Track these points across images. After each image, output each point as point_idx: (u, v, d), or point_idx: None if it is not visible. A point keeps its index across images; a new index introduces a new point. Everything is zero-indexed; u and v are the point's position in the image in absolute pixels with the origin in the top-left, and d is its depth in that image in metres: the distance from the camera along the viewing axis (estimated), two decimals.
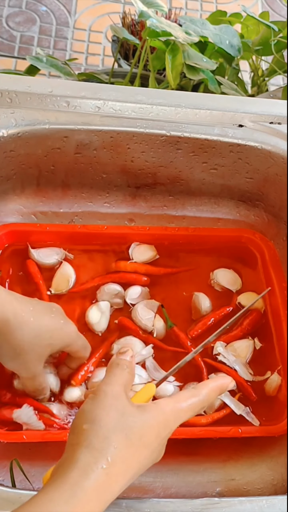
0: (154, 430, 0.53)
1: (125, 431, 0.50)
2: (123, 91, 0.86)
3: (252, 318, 0.84)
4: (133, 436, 0.51)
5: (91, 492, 0.47)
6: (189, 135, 0.85)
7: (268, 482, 0.75)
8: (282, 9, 1.89)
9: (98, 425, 0.50)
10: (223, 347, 0.80)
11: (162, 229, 0.90)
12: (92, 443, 0.49)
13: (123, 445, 0.50)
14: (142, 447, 0.51)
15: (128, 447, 0.50)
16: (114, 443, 0.49)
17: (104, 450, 0.49)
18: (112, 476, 0.49)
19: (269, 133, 0.86)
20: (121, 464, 0.49)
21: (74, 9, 1.82)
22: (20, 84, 0.83)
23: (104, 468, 0.48)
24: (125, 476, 0.50)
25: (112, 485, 0.49)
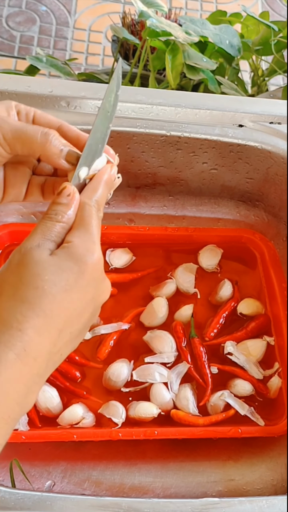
0: (72, 270, 0.44)
1: (31, 282, 0.43)
2: (123, 91, 0.86)
3: (259, 323, 0.84)
4: (44, 284, 0.43)
5: (7, 355, 0.41)
6: (189, 135, 0.85)
7: (268, 482, 0.75)
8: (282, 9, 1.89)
9: (3, 287, 0.43)
10: (233, 346, 0.81)
11: (162, 229, 0.90)
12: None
13: (33, 296, 0.42)
14: (62, 292, 0.43)
15: (40, 297, 0.43)
16: (20, 298, 0.42)
17: (11, 309, 0.42)
18: (28, 332, 0.42)
19: (269, 133, 0.86)
20: (36, 317, 0.42)
21: (74, 9, 1.82)
22: (20, 84, 0.83)
23: (15, 325, 0.41)
24: (49, 327, 0.43)
25: (34, 341, 0.42)
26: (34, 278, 0.43)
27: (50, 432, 0.73)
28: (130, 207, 0.94)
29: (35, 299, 0.42)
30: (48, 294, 0.43)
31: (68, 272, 0.44)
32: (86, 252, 0.45)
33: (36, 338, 0.42)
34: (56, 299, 0.43)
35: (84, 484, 0.73)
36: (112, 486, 0.74)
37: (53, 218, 0.46)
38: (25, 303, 0.42)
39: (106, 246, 0.88)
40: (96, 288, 0.46)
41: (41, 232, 0.45)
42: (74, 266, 0.44)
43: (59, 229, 0.46)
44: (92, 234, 0.46)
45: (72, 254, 0.44)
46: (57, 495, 0.64)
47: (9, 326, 0.41)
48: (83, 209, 0.47)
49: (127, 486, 0.74)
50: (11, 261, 0.44)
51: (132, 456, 0.76)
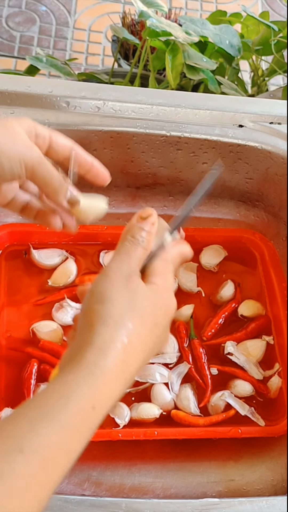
0: (163, 309, 0.50)
1: (138, 310, 0.47)
2: (123, 91, 0.86)
3: (259, 324, 0.84)
4: (146, 315, 0.48)
5: (110, 371, 0.44)
6: (189, 135, 0.85)
7: (268, 482, 0.75)
8: (282, 9, 1.89)
9: (111, 304, 0.47)
10: (234, 346, 0.81)
11: None
12: (107, 322, 0.46)
13: (138, 323, 0.47)
14: (155, 326, 0.49)
15: (142, 325, 0.47)
16: (128, 322, 0.46)
17: (119, 328, 0.46)
18: (130, 354, 0.46)
19: (269, 133, 0.86)
20: (137, 342, 0.47)
21: (74, 9, 1.82)
22: (20, 84, 0.83)
23: (121, 346, 0.45)
24: (142, 354, 0.47)
25: (131, 363, 0.46)
26: (140, 307, 0.48)
27: None
28: (130, 207, 0.94)
29: (138, 326, 0.47)
30: (147, 325, 0.48)
31: (160, 311, 0.50)
32: (170, 298, 0.52)
33: (133, 361, 0.47)
34: (150, 331, 0.49)
35: (84, 484, 0.73)
36: (112, 486, 0.73)
37: (142, 244, 0.51)
38: (130, 329, 0.46)
39: (105, 246, 0.88)
40: (166, 332, 0.52)
41: (135, 257, 0.50)
42: (163, 307, 0.50)
43: (143, 256, 0.51)
44: (171, 286, 0.53)
45: (162, 296, 0.50)
46: (57, 495, 0.64)
47: (118, 344, 0.45)
48: (165, 259, 0.52)
49: (127, 486, 0.74)
50: (114, 280, 0.48)
51: (132, 457, 0.76)
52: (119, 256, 0.50)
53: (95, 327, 0.45)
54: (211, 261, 0.89)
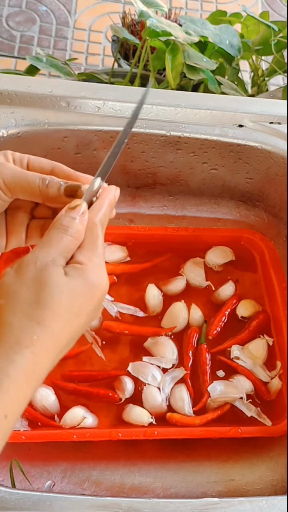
0: (87, 295, 0.46)
1: (49, 305, 0.43)
2: (123, 91, 0.86)
3: (259, 321, 0.84)
4: (60, 308, 0.44)
5: (18, 376, 0.41)
6: (189, 135, 0.85)
7: (268, 482, 0.75)
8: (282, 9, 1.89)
9: (16, 300, 0.43)
10: (239, 350, 0.81)
11: (162, 229, 0.90)
12: (10, 322, 0.43)
13: (48, 319, 0.43)
14: (74, 316, 0.45)
15: (55, 321, 0.44)
16: (36, 319, 0.43)
17: (25, 328, 0.43)
18: (39, 354, 0.43)
19: (269, 133, 0.86)
20: (48, 340, 0.43)
21: (74, 9, 1.82)
22: (20, 84, 0.83)
23: (29, 347, 0.42)
24: (55, 350, 0.44)
25: (42, 363, 0.43)
26: (52, 300, 0.43)
27: (50, 432, 0.73)
28: (130, 207, 0.94)
29: (50, 323, 0.43)
30: (63, 318, 0.44)
31: (82, 297, 0.45)
32: (97, 278, 0.46)
33: (44, 360, 0.43)
34: (68, 323, 0.44)
35: (84, 484, 0.73)
36: (112, 486, 0.74)
37: (68, 232, 0.46)
38: (40, 325, 0.43)
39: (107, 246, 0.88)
40: (97, 311, 0.48)
41: (56, 245, 0.46)
42: (87, 292, 0.45)
43: (71, 244, 0.46)
44: (101, 257, 0.47)
45: (86, 279, 0.45)
46: (57, 495, 0.64)
47: (23, 346, 0.42)
48: (91, 229, 0.48)
49: (127, 486, 0.74)
50: (23, 272, 0.44)
51: (132, 456, 0.76)
52: (38, 245, 0.46)
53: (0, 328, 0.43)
54: (216, 260, 0.89)
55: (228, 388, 0.77)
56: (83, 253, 0.47)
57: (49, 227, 0.47)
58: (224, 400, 0.77)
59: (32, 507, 0.62)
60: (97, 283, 0.46)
